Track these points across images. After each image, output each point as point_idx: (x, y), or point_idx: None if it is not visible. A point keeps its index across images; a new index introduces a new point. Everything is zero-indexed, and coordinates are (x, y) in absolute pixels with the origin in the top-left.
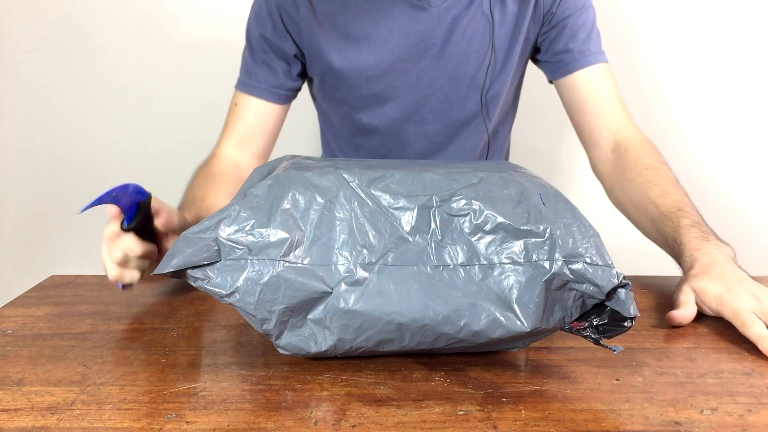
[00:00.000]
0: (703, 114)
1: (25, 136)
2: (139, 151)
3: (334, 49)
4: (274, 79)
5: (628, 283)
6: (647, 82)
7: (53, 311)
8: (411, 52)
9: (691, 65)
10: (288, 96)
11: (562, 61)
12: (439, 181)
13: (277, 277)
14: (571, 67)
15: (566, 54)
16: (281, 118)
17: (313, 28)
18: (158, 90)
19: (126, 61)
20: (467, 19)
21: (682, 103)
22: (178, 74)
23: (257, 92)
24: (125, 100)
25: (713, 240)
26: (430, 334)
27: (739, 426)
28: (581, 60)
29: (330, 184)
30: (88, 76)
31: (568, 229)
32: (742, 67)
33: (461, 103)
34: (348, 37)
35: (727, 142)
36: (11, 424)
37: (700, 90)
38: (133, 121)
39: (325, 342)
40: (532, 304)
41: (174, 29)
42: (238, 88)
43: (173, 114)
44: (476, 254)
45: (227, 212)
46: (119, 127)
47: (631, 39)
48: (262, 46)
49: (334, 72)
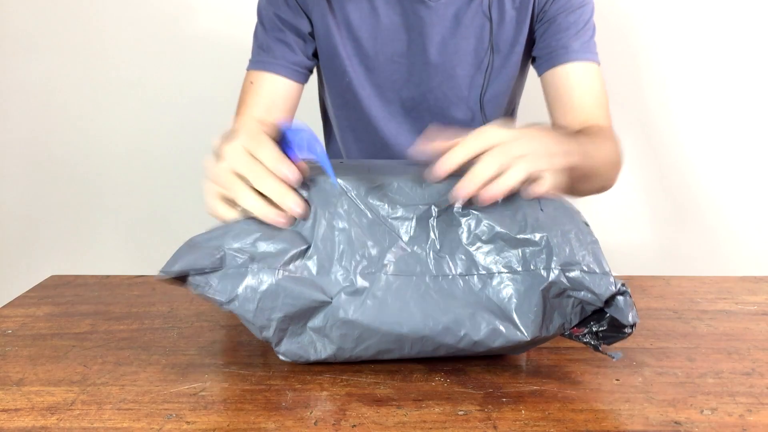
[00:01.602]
0: (702, 113)
1: (26, 136)
2: (139, 151)
3: (339, 34)
4: (293, 55)
5: (627, 291)
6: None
7: (53, 311)
8: (410, 46)
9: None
10: (304, 74)
11: (545, 56)
12: (437, 189)
13: (276, 285)
14: (552, 62)
15: (549, 49)
16: (297, 98)
17: (323, 10)
18: (159, 90)
19: (126, 60)
20: (467, 17)
21: (682, 102)
22: (179, 74)
23: (275, 68)
24: (126, 99)
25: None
26: (430, 344)
27: (739, 426)
28: (562, 56)
29: (328, 195)
30: (88, 76)
31: (566, 236)
32: (742, 67)
33: (459, 102)
34: (350, 26)
35: (726, 142)
36: (11, 424)
37: (700, 90)
38: (134, 121)
39: (324, 350)
40: (531, 313)
41: (175, 29)
42: (253, 68)
43: (174, 114)
44: (475, 264)
45: (235, 225)
46: (120, 127)
47: (631, 39)
48: (276, 25)
49: (339, 57)
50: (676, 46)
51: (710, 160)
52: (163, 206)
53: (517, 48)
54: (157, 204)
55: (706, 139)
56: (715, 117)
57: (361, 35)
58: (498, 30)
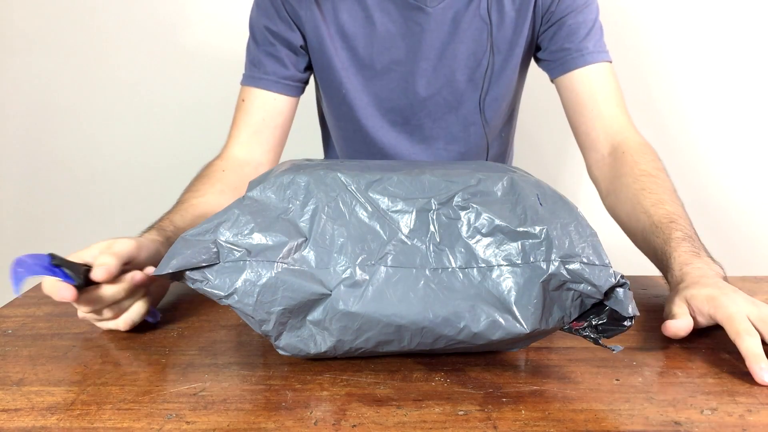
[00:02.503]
0: (709, 114)
1: (26, 136)
2: (139, 151)
3: (333, 45)
4: (283, 70)
5: (627, 283)
6: (653, 81)
7: (53, 311)
8: (407, 53)
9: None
10: (298, 88)
11: (559, 59)
12: (437, 183)
13: (276, 278)
14: (568, 66)
15: (564, 52)
16: (292, 112)
17: (317, 21)
18: (160, 90)
19: (127, 61)
20: (465, 21)
21: (689, 102)
22: (180, 75)
23: (266, 84)
24: (126, 100)
25: (704, 257)
26: (430, 336)
27: (739, 426)
28: (578, 59)
29: (328, 188)
30: (88, 77)
31: (565, 229)
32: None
33: (459, 107)
34: (345, 36)
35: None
36: (11, 424)
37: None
38: (134, 121)
39: (324, 343)
40: (531, 305)
41: (176, 30)
42: (245, 83)
43: (175, 114)
44: (474, 257)
45: (227, 216)
46: (120, 128)
47: (637, 38)
48: (267, 38)
49: (334, 68)
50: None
51: (710, 160)
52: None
53: (517, 50)
54: (157, 204)
55: (706, 139)
56: (715, 117)
57: (356, 44)
58: (497, 32)
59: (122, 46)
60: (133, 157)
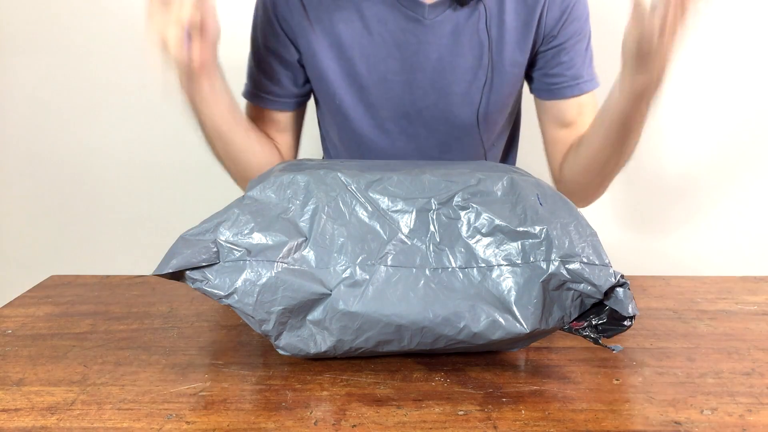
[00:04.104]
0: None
1: (26, 136)
2: (139, 151)
3: (327, 57)
4: (280, 89)
5: (627, 282)
6: None
7: (53, 311)
8: (404, 64)
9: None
10: (297, 102)
11: (554, 84)
12: (437, 183)
13: (276, 278)
14: (562, 93)
15: (559, 78)
16: (299, 117)
17: (309, 35)
18: (160, 90)
19: (127, 61)
20: (464, 35)
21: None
22: None
23: (265, 103)
24: (126, 100)
25: None
26: (430, 336)
27: (739, 426)
28: (574, 87)
29: (329, 188)
30: (88, 77)
31: (565, 229)
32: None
33: (455, 118)
34: (341, 46)
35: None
36: (11, 424)
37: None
38: (134, 121)
39: (324, 343)
40: (531, 305)
41: None
42: (246, 98)
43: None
44: (474, 257)
45: (226, 215)
46: (120, 127)
47: None
48: (265, 56)
49: (328, 80)
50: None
51: (710, 160)
52: (163, 206)
53: (517, 68)
54: (157, 204)
55: (706, 139)
56: (715, 117)
57: (352, 54)
58: (497, 48)
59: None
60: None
